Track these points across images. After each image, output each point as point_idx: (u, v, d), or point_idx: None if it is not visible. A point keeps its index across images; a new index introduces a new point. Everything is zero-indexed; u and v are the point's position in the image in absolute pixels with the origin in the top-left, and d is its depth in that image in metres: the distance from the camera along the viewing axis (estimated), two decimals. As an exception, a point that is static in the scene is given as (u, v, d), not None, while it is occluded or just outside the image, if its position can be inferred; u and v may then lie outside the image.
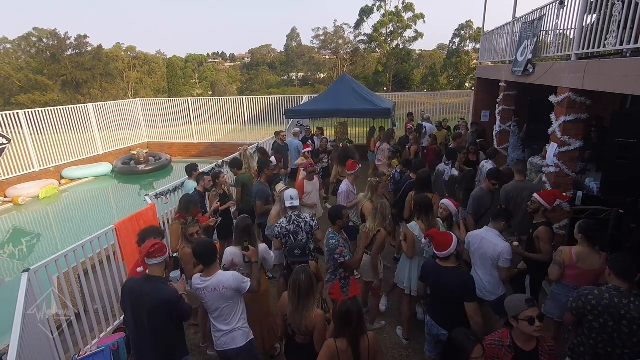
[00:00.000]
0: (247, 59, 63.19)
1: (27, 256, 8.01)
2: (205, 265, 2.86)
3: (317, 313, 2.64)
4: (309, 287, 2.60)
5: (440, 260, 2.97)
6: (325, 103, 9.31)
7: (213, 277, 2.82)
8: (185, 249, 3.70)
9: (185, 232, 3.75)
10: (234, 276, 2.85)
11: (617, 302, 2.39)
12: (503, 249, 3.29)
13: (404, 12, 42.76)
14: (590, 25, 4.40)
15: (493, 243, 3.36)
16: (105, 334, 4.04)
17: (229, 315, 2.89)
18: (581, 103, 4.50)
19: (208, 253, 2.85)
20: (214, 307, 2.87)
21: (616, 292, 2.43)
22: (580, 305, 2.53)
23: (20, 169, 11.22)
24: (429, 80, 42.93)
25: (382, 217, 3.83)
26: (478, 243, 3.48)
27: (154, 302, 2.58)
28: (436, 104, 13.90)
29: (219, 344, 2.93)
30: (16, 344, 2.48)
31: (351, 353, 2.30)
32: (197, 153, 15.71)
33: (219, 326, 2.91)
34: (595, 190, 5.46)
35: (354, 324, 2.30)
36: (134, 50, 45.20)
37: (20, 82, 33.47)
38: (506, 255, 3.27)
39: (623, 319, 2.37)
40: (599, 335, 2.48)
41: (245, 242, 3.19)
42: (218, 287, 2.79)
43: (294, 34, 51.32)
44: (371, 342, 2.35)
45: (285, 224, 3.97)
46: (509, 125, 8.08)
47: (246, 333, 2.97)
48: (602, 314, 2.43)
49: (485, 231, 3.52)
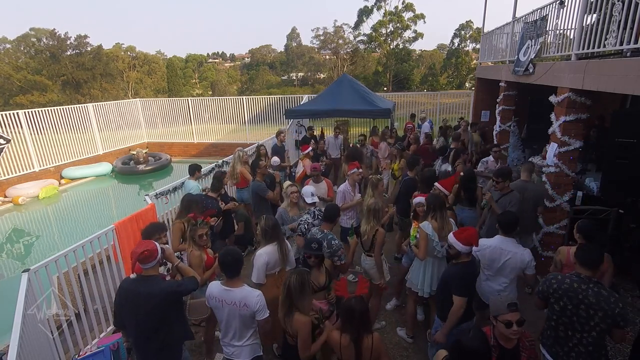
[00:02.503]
0: (247, 59, 63.17)
1: (27, 256, 8.01)
2: (229, 276, 2.69)
3: (301, 319, 2.53)
4: (299, 291, 2.54)
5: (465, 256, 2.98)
6: (325, 103, 9.30)
7: (236, 290, 2.64)
8: (194, 252, 3.56)
9: (194, 234, 3.59)
10: (259, 299, 2.64)
11: (577, 287, 2.51)
12: (528, 256, 3.21)
13: (403, 12, 42.74)
14: (590, 25, 4.41)
15: (517, 254, 3.23)
16: (105, 334, 4.04)
17: (240, 335, 2.73)
18: (581, 103, 4.50)
19: (234, 264, 2.68)
20: (227, 324, 2.71)
21: (577, 277, 2.55)
22: (545, 288, 2.67)
23: (20, 169, 11.22)
24: (429, 80, 42.92)
25: (376, 219, 3.84)
26: (497, 255, 3.29)
27: (155, 299, 2.58)
28: (436, 104, 13.92)
29: (227, 352, 2.84)
30: (16, 344, 2.48)
31: (353, 350, 2.32)
32: (197, 153, 15.71)
33: (228, 339, 2.78)
34: (595, 190, 5.46)
35: (355, 322, 2.32)
36: (134, 50, 45.19)
37: (20, 82, 33.46)
38: (533, 262, 3.21)
39: (581, 304, 2.47)
40: (559, 318, 2.60)
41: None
42: (239, 303, 2.61)
43: (294, 34, 51.32)
44: (375, 342, 2.36)
45: (311, 219, 3.98)
46: (509, 125, 8.09)
47: (255, 349, 2.82)
48: (562, 297, 2.56)
49: (501, 241, 3.31)
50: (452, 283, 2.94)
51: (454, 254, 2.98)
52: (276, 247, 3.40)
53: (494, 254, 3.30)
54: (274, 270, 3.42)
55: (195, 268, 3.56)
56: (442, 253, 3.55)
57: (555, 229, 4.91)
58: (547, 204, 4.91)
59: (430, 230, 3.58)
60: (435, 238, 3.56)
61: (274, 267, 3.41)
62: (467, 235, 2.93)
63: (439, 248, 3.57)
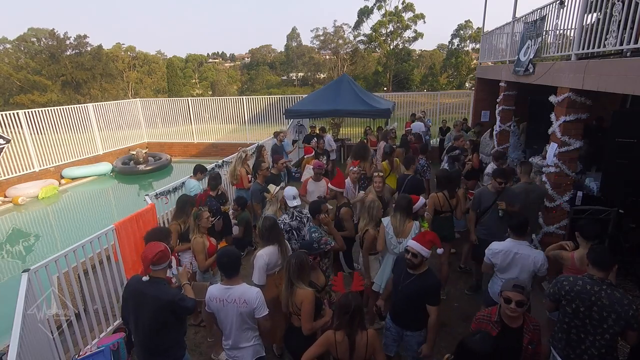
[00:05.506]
0: (247, 59, 63.16)
1: (27, 256, 8.01)
2: (228, 276, 2.72)
3: (305, 290, 2.73)
4: (299, 270, 2.77)
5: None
6: (325, 103, 9.32)
7: (236, 287, 2.67)
8: (197, 238, 3.79)
9: (199, 220, 3.84)
10: (258, 295, 2.67)
11: (589, 289, 2.47)
12: (541, 258, 3.19)
13: (403, 12, 42.74)
14: (590, 25, 4.40)
15: (530, 256, 3.21)
16: (105, 334, 4.03)
17: (242, 333, 2.73)
18: (581, 103, 4.50)
19: (232, 264, 2.70)
20: (228, 322, 2.71)
21: (589, 279, 2.51)
22: (556, 290, 2.64)
23: (20, 169, 11.21)
24: (429, 80, 42.94)
25: (370, 217, 3.91)
26: (510, 260, 3.27)
27: (157, 303, 2.59)
28: (436, 104, 13.89)
29: (229, 354, 2.85)
30: (16, 344, 2.48)
31: (347, 344, 2.34)
32: (197, 153, 15.70)
33: (231, 342, 2.77)
34: (595, 190, 5.46)
35: (349, 317, 2.34)
36: (134, 50, 45.21)
37: (20, 82, 33.46)
38: (546, 264, 3.20)
39: (594, 306, 2.44)
40: (572, 321, 2.57)
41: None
42: (238, 300, 2.63)
43: (294, 34, 51.31)
44: (370, 339, 2.38)
45: (288, 220, 4.03)
46: (509, 125, 8.08)
47: (257, 350, 2.83)
48: (574, 299, 2.53)
49: (513, 244, 3.29)
50: (430, 293, 2.84)
51: (418, 263, 2.84)
52: (276, 248, 3.42)
53: (507, 258, 3.27)
54: (274, 270, 3.43)
55: (198, 254, 3.74)
56: (399, 249, 3.58)
57: (555, 229, 4.91)
58: (547, 203, 4.92)
59: (386, 223, 3.74)
60: (390, 231, 3.68)
61: (274, 267, 3.42)
62: (429, 238, 2.91)
63: (394, 243, 3.66)
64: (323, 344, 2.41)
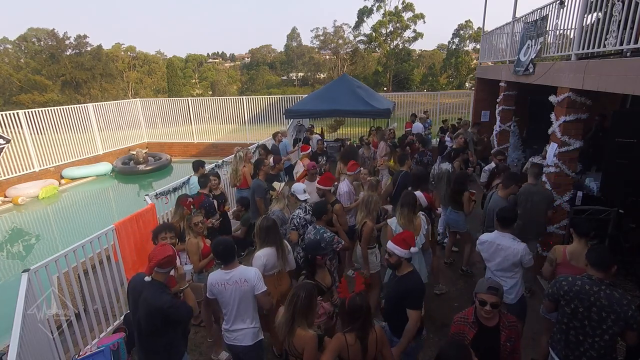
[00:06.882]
0: (247, 59, 63.11)
1: (27, 256, 8.01)
2: (225, 263, 2.89)
3: (308, 334, 2.39)
4: (306, 308, 2.42)
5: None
6: (325, 103, 9.31)
7: (235, 270, 2.87)
8: (192, 239, 3.78)
9: (190, 223, 3.82)
10: (256, 272, 2.91)
11: (588, 289, 2.46)
12: (522, 250, 3.24)
13: (403, 12, 42.73)
14: (590, 25, 4.40)
15: (511, 248, 3.28)
16: (105, 334, 4.03)
17: (244, 314, 2.89)
18: (581, 103, 4.50)
19: (227, 251, 2.87)
20: (230, 303, 2.87)
21: (588, 279, 2.50)
22: (555, 290, 2.63)
23: (20, 169, 11.21)
24: (429, 80, 42.91)
25: (367, 210, 3.96)
26: (493, 250, 3.38)
27: (149, 307, 2.58)
28: (436, 104, 13.90)
29: (229, 337, 2.95)
30: (16, 344, 2.48)
31: (359, 346, 2.33)
32: (197, 153, 15.69)
33: (232, 324, 2.91)
34: (595, 190, 5.46)
35: (362, 319, 2.35)
36: (134, 50, 45.18)
37: (20, 82, 33.46)
38: (527, 256, 3.26)
39: (593, 306, 2.43)
40: (570, 322, 2.56)
41: None
42: (239, 280, 2.83)
43: (294, 34, 51.26)
44: (378, 334, 2.41)
45: (303, 214, 4.05)
46: (509, 125, 8.09)
47: (256, 333, 2.97)
48: (572, 300, 2.51)
49: (497, 237, 3.38)
50: (409, 296, 2.75)
51: (395, 263, 2.83)
52: (274, 250, 3.39)
53: (490, 248, 3.40)
54: (272, 272, 3.41)
55: (192, 255, 3.73)
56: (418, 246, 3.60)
57: (555, 229, 4.91)
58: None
59: (394, 225, 3.75)
60: (399, 230, 3.64)
61: (272, 268, 3.40)
62: (404, 237, 2.88)
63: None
64: (335, 349, 2.31)
